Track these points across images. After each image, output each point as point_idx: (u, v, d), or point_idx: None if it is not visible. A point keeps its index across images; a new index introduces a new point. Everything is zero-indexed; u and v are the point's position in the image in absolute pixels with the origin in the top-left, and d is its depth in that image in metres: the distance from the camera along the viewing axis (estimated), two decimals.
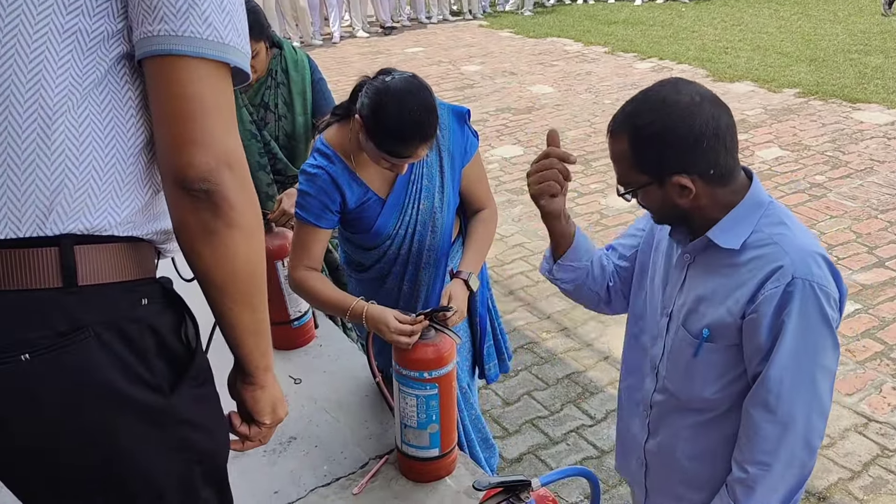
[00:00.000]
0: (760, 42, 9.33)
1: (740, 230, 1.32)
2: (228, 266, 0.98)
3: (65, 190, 0.93)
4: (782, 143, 5.98)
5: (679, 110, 1.26)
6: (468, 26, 11.44)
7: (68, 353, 0.92)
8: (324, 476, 2.02)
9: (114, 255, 0.97)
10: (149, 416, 0.99)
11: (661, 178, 1.30)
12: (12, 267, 0.91)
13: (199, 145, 0.93)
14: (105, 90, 0.95)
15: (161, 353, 1.00)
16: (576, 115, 6.85)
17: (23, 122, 0.91)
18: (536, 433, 3.02)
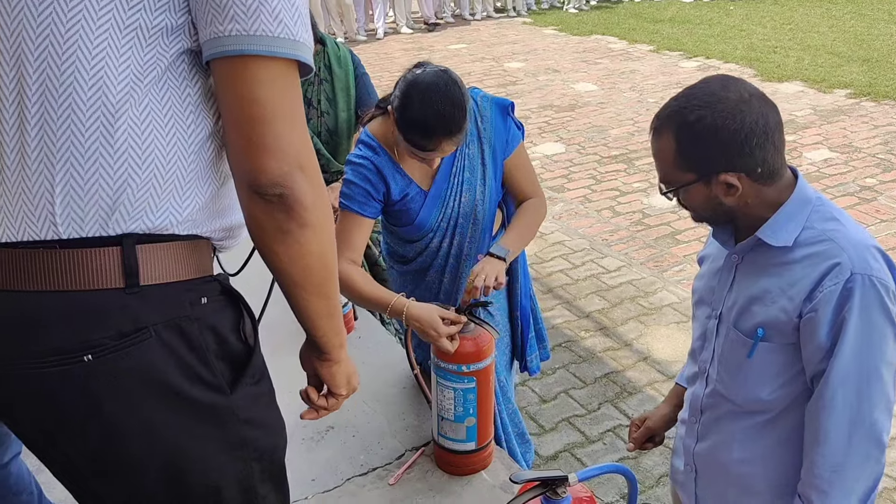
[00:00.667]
0: (811, 41, 9.13)
1: (791, 227, 1.29)
2: (303, 262, 0.99)
3: (128, 189, 0.92)
4: (832, 145, 5.85)
5: (729, 107, 1.23)
6: (512, 23, 11.40)
7: (130, 354, 0.93)
8: (360, 465, 2.04)
9: (175, 253, 0.97)
10: (209, 416, 1.00)
11: (708, 176, 1.28)
12: (75, 267, 0.91)
13: (273, 151, 0.92)
14: (165, 86, 0.94)
15: (220, 352, 1.01)
16: (619, 114, 6.78)
17: (86, 119, 0.90)
18: (573, 431, 3.01)
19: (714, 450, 1.48)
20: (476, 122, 1.96)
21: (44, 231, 0.91)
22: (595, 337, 3.63)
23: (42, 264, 0.90)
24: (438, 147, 1.77)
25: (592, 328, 3.70)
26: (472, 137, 1.96)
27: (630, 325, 3.69)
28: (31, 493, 1.88)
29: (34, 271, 0.91)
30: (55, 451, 1.00)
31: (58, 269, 0.90)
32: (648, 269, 4.20)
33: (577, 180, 5.44)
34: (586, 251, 4.43)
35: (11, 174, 0.91)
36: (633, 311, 3.81)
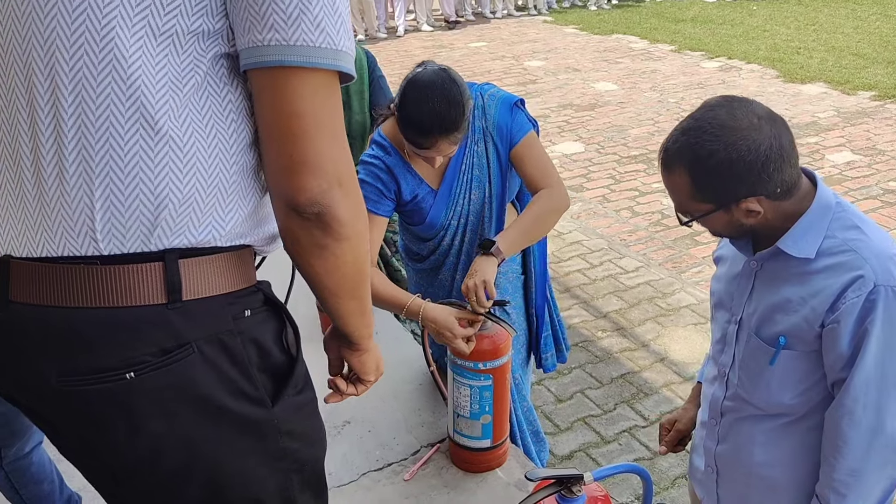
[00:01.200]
0: (835, 42, 9.02)
1: (812, 238, 1.28)
2: (339, 273, 0.98)
3: (170, 204, 0.89)
4: (855, 147, 5.78)
5: (740, 137, 1.21)
6: (533, 22, 11.37)
7: (172, 371, 0.91)
8: (376, 461, 2.06)
9: (218, 266, 0.95)
10: (250, 430, 0.99)
11: (727, 205, 1.27)
12: (117, 284, 0.88)
13: (312, 168, 0.88)
14: (205, 93, 0.90)
15: (263, 365, 0.99)
16: (639, 114, 6.75)
17: (125, 132, 0.86)
18: (588, 431, 3.00)
19: (736, 452, 1.47)
20: (482, 119, 1.96)
21: (84, 247, 0.88)
22: (612, 337, 3.62)
23: (83, 281, 0.88)
24: (435, 146, 1.76)
25: (609, 328, 3.69)
26: (479, 135, 1.96)
27: (647, 326, 3.68)
28: (52, 482, 1.91)
29: (75, 287, 0.88)
30: (94, 462, 0.99)
31: (99, 285, 0.88)
32: (666, 270, 4.18)
33: (596, 180, 5.43)
34: (604, 251, 4.41)
35: (49, 188, 0.88)
36: (651, 311, 3.79)
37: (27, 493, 1.85)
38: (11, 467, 1.80)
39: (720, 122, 1.22)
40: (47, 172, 0.87)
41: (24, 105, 0.87)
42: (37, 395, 0.94)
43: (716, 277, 1.55)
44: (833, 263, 1.26)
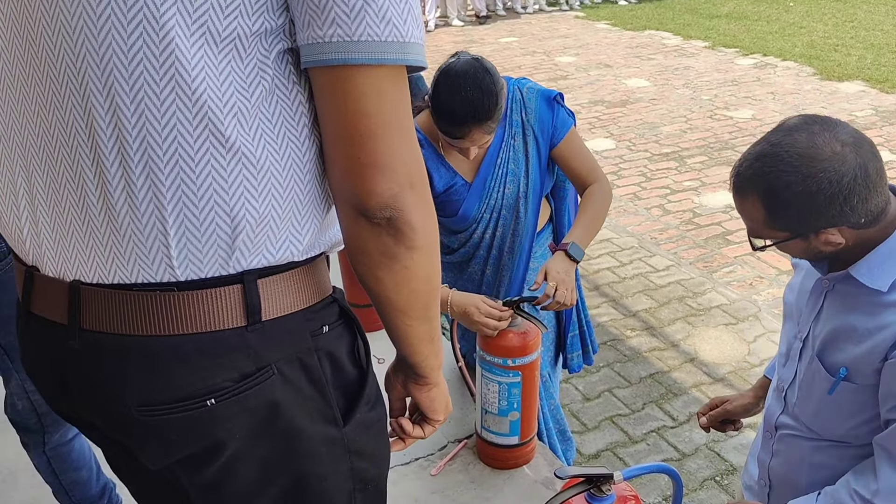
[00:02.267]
0: (875, 40, 8.84)
1: (889, 269, 1.20)
2: (409, 288, 0.90)
3: (247, 226, 0.84)
4: (893, 147, 5.66)
5: (822, 167, 1.12)
6: (564, 17, 11.29)
7: (252, 395, 0.87)
8: (403, 455, 2.06)
9: (296, 282, 0.90)
10: (323, 450, 0.95)
11: (805, 234, 1.20)
12: (195, 309, 0.84)
13: (382, 169, 0.82)
14: (274, 99, 0.84)
15: (336, 382, 0.95)
16: (671, 111, 6.68)
17: (195, 152, 0.80)
18: (616, 431, 2.98)
19: (788, 469, 1.44)
20: (521, 113, 1.95)
21: (160, 274, 0.83)
22: (641, 336, 3.59)
23: (159, 308, 0.83)
24: (468, 135, 1.76)
25: (639, 327, 3.66)
26: (517, 129, 1.96)
27: (677, 326, 3.64)
28: (91, 469, 1.95)
29: (151, 315, 0.84)
30: (170, 476, 0.95)
31: (176, 312, 0.84)
32: (697, 270, 4.13)
33: (627, 177, 5.38)
34: (634, 249, 4.38)
35: (119, 212, 0.82)
36: (681, 311, 3.76)
37: (66, 479, 1.89)
38: (53, 453, 1.84)
39: (799, 150, 1.14)
40: (115, 197, 0.81)
41: (84, 125, 0.80)
42: (114, 423, 0.91)
43: (790, 287, 1.48)
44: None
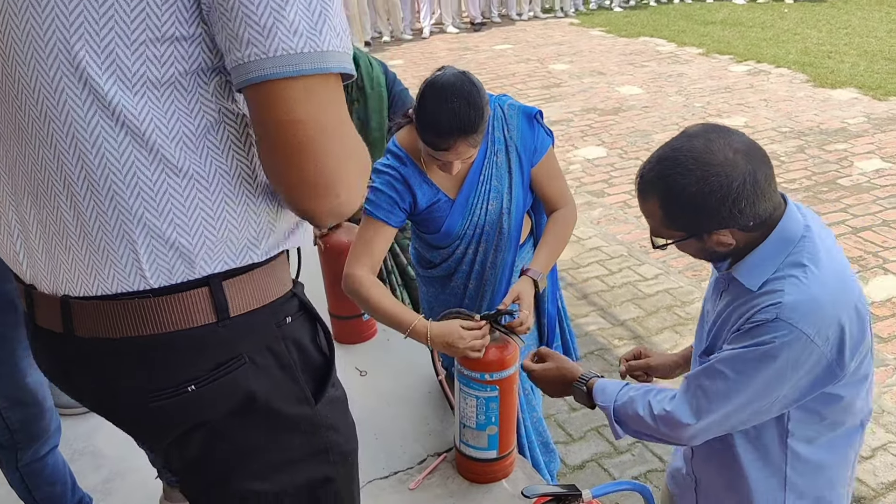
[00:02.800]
0: (868, 47, 8.85)
1: (764, 270, 1.27)
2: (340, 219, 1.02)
3: (206, 241, 0.94)
4: (885, 155, 5.67)
5: (713, 172, 1.20)
6: (559, 24, 11.31)
7: (227, 381, 0.98)
8: (382, 468, 2.06)
9: (258, 281, 1.00)
10: (300, 427, 1.06)
11: (699, 235, 1.28)
12: (170, 311, 0.95)
13: (325, 190, 0.90)
14: (221, 127, 0.92)
15: (305, 366, 1.06)
16: (664, 118, 6.68)
17: (152, 182, 0.90)
18: (601, 441, 2.98)
19: (707, 463, 1.49)
20: (503, 130, 1.95)
21: (135, 284, 0.94)
22: (629, 345, 3.58)
23: (138, 313, 0.95)
24: (453, 147, 1.75)
25: (627, 336, 3.65)
26: (500, 146, 1.95)
27: (665, 335, 3.64)
28: (65, 483, 1.94)
29: (132, 320, 0.95)
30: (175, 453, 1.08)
31: (153, 315, 0.95)
32: (686, 279, 4.13)
33: (618, 185, 5.38)
34: (623, 258, 4.38)
35: (94, 237, 0.93)
36: (669, 320, 3.75)
37: (40, 495, 1.88)
38: (27, 469, 1.83)
39: (695, 154, 1.22)
40: (90, 224, 0.92)
41: (55, 163, 0.91)
42: (115, 415, 1.06)
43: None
44: (761, 296, 1.26)
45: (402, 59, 9.19)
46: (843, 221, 4.66)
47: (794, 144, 5.96)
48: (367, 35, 10.25)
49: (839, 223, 4.64)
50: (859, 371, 1.30)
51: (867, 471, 2.74)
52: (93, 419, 2.32)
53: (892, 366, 3.31)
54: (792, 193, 5.06)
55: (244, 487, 1.07)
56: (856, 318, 1.24)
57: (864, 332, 1.26)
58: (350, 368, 2.49)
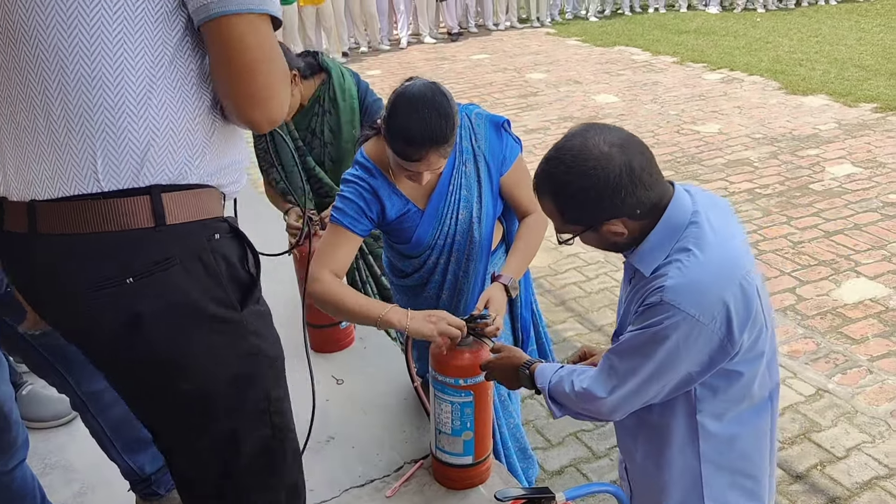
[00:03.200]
0: (838, 54, 9.01)
1: (655, 257, 1.35)
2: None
3: (151, 152, 1.15)
4: (855, 160, 5.76)
5: (590, 165, 1.29)
6: (535, 34, 11.39)
7: (161, 277, 1.16)
8: (358, 477, 2.05)
9: (192, 199, 1.20)
10: (227, 329, 1.23)
11: (594, 226, 1.36)
12: (115, 213, 1.14)
13: (266, 103, 1.16)
14: (174, 67, 1.15)
15: (231, 278, 1.24)
16: (639, 126, 6.74)
17: (115, 106, 1.12)
18: (580, 446, 2.98)
19: (629, 449, 1.57)
20: (471, 139, 1.95)
21: (90, 186, 1.13)
22: None
23: (90, 212, 1.14)
24: (425, 158, 1.75)
25: (604, 342, 3.67)
26: (468, 155, 1.95)
27: None
28: (34, 498, 1.91)
29: (84, 218, 1.14)
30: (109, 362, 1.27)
31: (102, 215, 1.14)
32: None
33: None
34: (600, 264, 4.40)
35: (62, 146, 1.13)
36: None
37: None
38: None
39: (574, 152, 1.32)
40: (59, 135, 1.13)
41: (36, 82, 1.12)
42: (65, 306, 1.20)
43: None
44: (652, 280, 1.34)
45: (380, 70, 9.21)
46: (816, 225, 4.72)
47: (767, 150, 6.04)
48: (345, 46, 10.27)
49: (812, 227, 4.70)
50: (755, 347, 1.35)
51: (842, 471, 2.77)
52: (63, 433, 2.29)
53: (865, 367, 3.35)
54: (765, 199, 5.13)
55: (178, 388, 1.22)
56: (741, 296, 1.29)
57: (750, 308, 1.30)
58: (327, 377, 2.48)
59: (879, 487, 2.69)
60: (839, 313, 3.78)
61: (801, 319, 3.74)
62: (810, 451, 2.88)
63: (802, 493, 2.68)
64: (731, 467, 1.45)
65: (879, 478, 2.73)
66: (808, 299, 3.92)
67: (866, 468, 2.78)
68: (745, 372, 1.37)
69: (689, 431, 1.43)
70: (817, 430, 2.98)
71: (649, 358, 1.33)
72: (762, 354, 1.38)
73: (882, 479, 2.72)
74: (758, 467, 1.48)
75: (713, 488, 1.45)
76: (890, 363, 3.37)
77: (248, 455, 1.31)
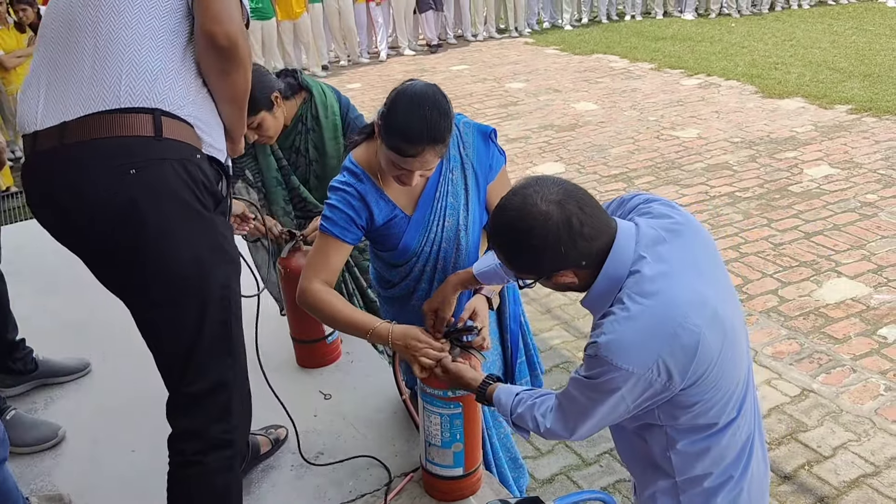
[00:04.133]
0: (812, 57, 9.14)
1: (601, 305, 1.41)
2: (232, 91, 1.65)
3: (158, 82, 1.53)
4: (833, 161, 5.84)
5: (530, 227, 1.35)
6: (514, 43, 11.47)
7: (155, 171, 1.51)
8: (349, 492, 2.04)
9: (182, 127, 1.56)
10: (200, 218, 1.57)
11: (545, 276, 1.43)
12: (128, 123, 1.49)
13: (226, 20, 1.52)
14: (177, 33, 1.57)
15: (206, 187, 1.58)
16: (619, 132, 6.80)
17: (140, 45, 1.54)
18: (569, 454, 2.99)
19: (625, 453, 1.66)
20: (459, 148, 1.96)
21: (112, 103, 1.50)
22: None
23: (109, 122, 1.49)
24: (420, 154, 1.74)
25: None
26: (455, 163, 1.97)
27: None
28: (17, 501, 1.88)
29: (104, 126, 1.49)
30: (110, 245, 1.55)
31: (118, 124, 1.49)
32: None
33: None
34: None
35: (98, 73, 1.51)
36: None
37: None
38: None
39: (514, 211, 1.38)
40: (99, 61, 1.52)
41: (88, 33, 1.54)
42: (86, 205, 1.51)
43: None
44: (595, 329, 1.40)
45: (360, 83, 9.23)
46: (796, 227, 4.78)
47: (745, 154, 6.11)
48: (325, 59, 10.28)
49: (792, 229, 4.75)
50: (707, 381, 1.37)
51: (829, 470, 2.79)
52: (48, 458, 2.27)
53: (849, 366, 3.39)
54: (745, 202, 5.18)
55: (162, 264, 1.54)
56: (677, 346, 1.31)
57: (690, 353, 1.32)
58: (314, 392, 2.47)
59: (866, 485, 2.71)
60: (821, 313, 3.82)
61: (784, 321, 3.78)
62: (797, 451, 2.90)
63: (791, 493, 2.70)
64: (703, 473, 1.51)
65: (866, 476, 2.76)
66: (790, 300, 3.96)
67: (853, 466, 2.81)
68: (700, 401, 1.40)
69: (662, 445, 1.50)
70: (803, 430, 3.01)
71: (598, 402, 1.40)
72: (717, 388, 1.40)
73: (869, 477, 2.75)
74: (737, 468, 1.52)
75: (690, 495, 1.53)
76: (872, 361, 3.41)
77: (209, 333, 1.61)
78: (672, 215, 1.46)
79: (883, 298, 3.91)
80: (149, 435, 1.93)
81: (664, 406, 1.41)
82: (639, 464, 1.59)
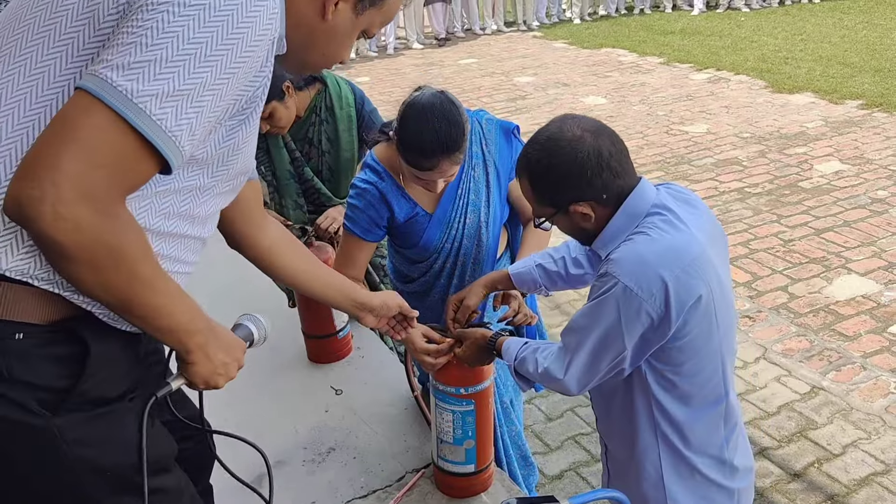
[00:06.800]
0: (823, 52, 9.09)
1: (616, 241, 1.42)
2: (83, 288, 0.97)
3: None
4: (843, 157, 5.81)
5: (561, 147, 1.38)
6: (522, 37, 11.44)
7: None
8: (360, 488, 2.05)
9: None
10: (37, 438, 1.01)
11: (563, 207, 1.43)
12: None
13: (25, 173, 0.88)
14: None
15: (31, 379, 1.01)
16: (628, 127, 6.78)
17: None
18: (579, 450, 2.99)
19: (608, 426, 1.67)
20: (481, 144, 1.97)
21: None
22: None
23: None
24: (438, 167, 1.77)
25: None
26: (478, 160, 1.97)
27: None
28: None
29: None
30: None
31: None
32: None
33: None
34: None
35: None
36: None
37: None
38: None
39: (549, 134, 1.41)
40: None
41: None
42: None
43: None
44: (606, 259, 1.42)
45: (368, 77, 9.22)
46: (806, 223, 4.76)
47: (755, 149, 6.08)
48: None
49: (802, 225, 4.74)
50: (695, 341, 1.39)
51: (839, 468, 2.79)
52: None
53: (859, 364, 3.38)
54: (755, 197, 5.16)
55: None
56: (683, 278, 1.33)
57: (691, 293, 1.34)
58: (325, 387, 2.48)
59: (877, 483, 2.71)
60: (832, 310, 3.81)
61: (794, 317, 3.77)
62: (807, 448, 2.90)
63: (800, 491, 2.70)
64: (688, 450, 1.53)
65: (876, 474, 2.75)
66: (800, 297, 3.95)
67: (863, 465, 2.80)
68: (696, 365, 1.42)
69: (649, 420, 1.51)
70: (813, 428, 3.01)
71: (592, 329, 1.40)
72: (716, 353, 1.43)
73: (879, 475, 2.75)
74: (718, 449, 1.54)
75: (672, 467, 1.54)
76: (883, 359, 3.40)
77: None
78: (696, 205, 1.49)
79: (894, 295, 3.90)
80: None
81: (653, 364, 1.43)
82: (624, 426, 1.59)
